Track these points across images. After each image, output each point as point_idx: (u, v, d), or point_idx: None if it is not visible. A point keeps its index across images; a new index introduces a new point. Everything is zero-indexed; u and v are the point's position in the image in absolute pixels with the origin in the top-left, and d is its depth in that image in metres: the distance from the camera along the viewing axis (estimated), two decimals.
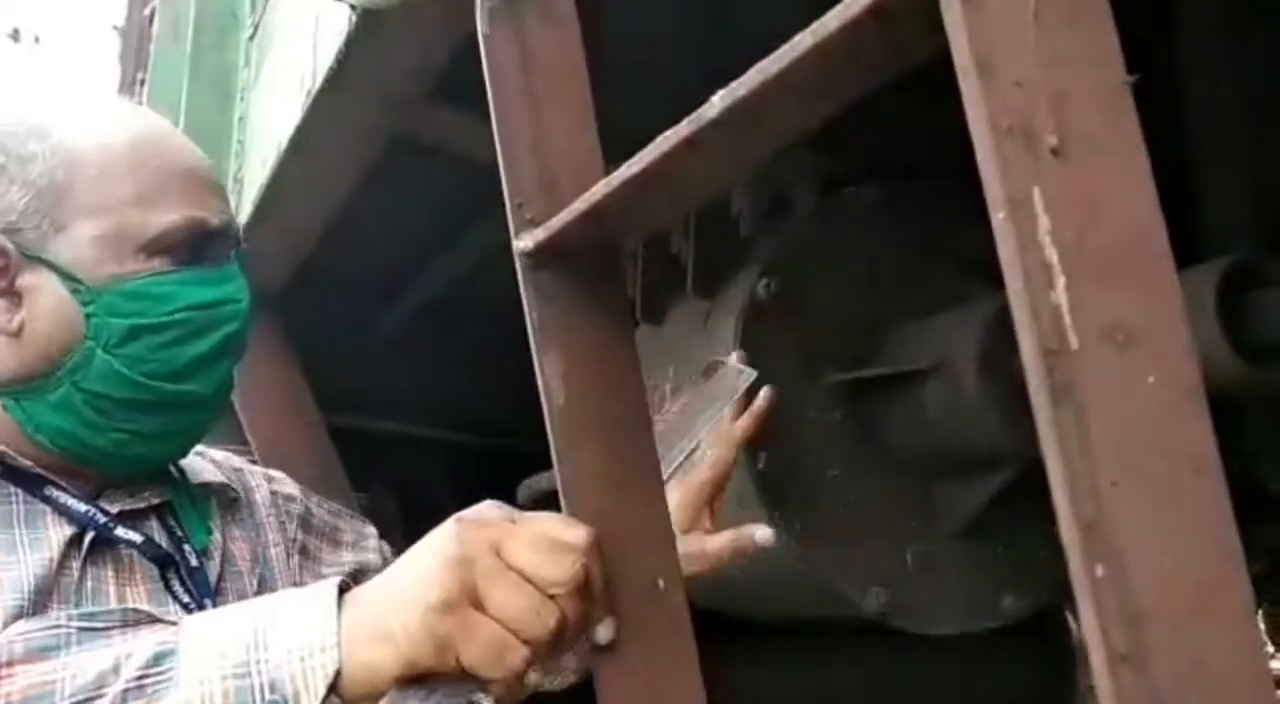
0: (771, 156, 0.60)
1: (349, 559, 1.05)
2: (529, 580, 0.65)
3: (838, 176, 1.38)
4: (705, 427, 0.86)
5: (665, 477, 0.82)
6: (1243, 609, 0.37)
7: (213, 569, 0.92)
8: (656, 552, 0.71)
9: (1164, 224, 0.40)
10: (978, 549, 1.30)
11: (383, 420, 2.49)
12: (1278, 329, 0.98)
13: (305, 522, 1.05)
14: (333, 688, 0.63)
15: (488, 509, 0.70)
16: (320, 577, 1.01)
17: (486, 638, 0.63)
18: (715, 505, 1.02)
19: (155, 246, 0.86)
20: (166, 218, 0.86)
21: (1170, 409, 0.38)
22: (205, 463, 1.01)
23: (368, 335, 2.28)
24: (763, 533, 1.00)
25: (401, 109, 1.41)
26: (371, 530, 1.09)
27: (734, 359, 1.02)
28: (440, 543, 0.67)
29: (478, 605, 0.64)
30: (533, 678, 0.68)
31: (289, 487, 1.07)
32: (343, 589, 0.68)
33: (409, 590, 0.65)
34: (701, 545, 0.98)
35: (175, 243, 0.86)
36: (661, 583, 0.70)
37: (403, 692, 0.64)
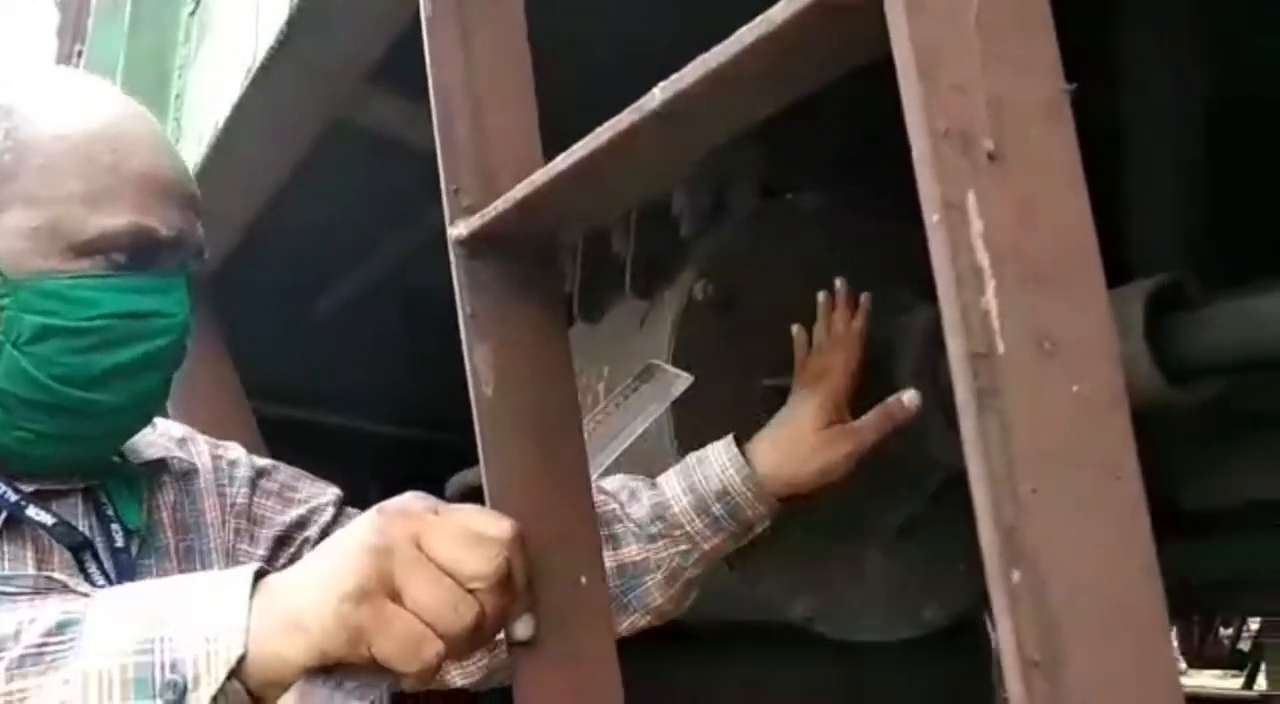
0: (714, 154, 0.59)
1: (294, 515, 1.02)
2: (449, 573, 0.64)
3: (781, 181, 1.38)
4: (638, 430, 0.85)
5: (593, 477, 0.82)
6: (1157, 619, 0.37)
7: (136, 549, 0.90)
8: (580, 548, 0.70)
9: (1095, 235, 0.40)
10: (902, 556, 1.31)
11: (315, 412, 2.45)
12: (1201, 350, 1.00)
13: (254, 484, 1.02)
14: (236, 673, 0.61)
15: (410, 500, 0.68)
16: (259, 541, 1.00)
17: (401, 630, 0.62)
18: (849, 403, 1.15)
19: (89, 248, 0.82)
20: (108, 221, 0.82)
21: (1093, 418, 0.38)
22: (153, 436, 0.98)
23: (303, 324, 2.24)
24: (910, 395, 1.11)
25: (343, 93, 1.39)
26: (334, 490, 1.06)
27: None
28: (360, 532, 0.65)
29: (395, 597, 0.63)
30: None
31: (235, 452, 1.04)
32: (262, 574, 0.67)
33: (325, 579, 0.63)
34: (845, 430, 1.11)
35: (112, 247, 0.82)
36: (584, 579, 0.69)
37: (312, 681, 0.62)
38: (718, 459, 1.10)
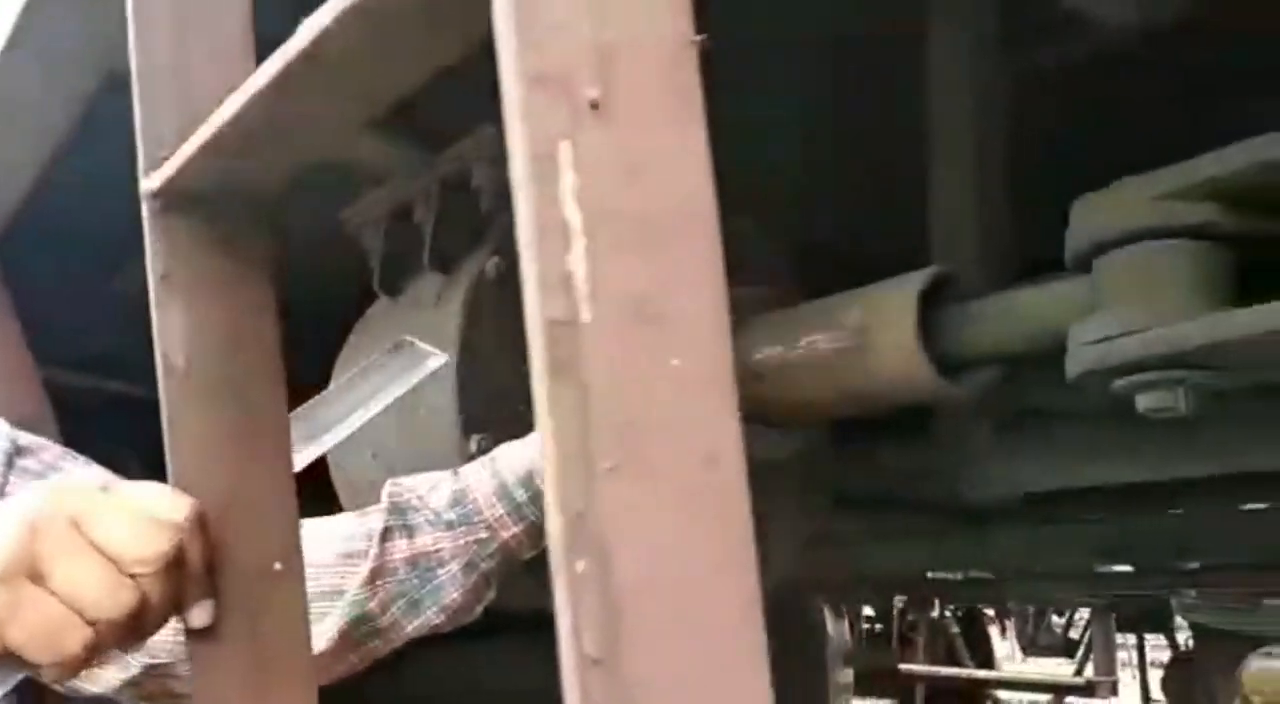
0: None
1: None
2: (109, 556, 0.58)
3: None
4: (373, 408, 0.80)
5: (317, 452, 0.77)
6: (743, 620, 0.34)
7: None
8: (276, 531, 0.65)
9: (713, 197, 0.37)
10: None
11: (121, 383, 2.32)
12: (972, 342, 1.00)
13: (10, 461, 0.93)
14: None
15: (84, 475, 0.63)
16: None
17: (38, 616, 0.56)
18: None
19: None
20: None
21: (690, 395, 0.35)
22: None
23: (98, 289, 2.11)
24: None
25: (120, 38, 1.30)
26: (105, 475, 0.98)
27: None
28: (18, 509, 0.59)
29: (39, 580, 0.57)
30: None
31: None
32: None
33: None
34: None
35: None
36: (279, 566, 0.64)
37: None
38: (526, 445, 1.06)
